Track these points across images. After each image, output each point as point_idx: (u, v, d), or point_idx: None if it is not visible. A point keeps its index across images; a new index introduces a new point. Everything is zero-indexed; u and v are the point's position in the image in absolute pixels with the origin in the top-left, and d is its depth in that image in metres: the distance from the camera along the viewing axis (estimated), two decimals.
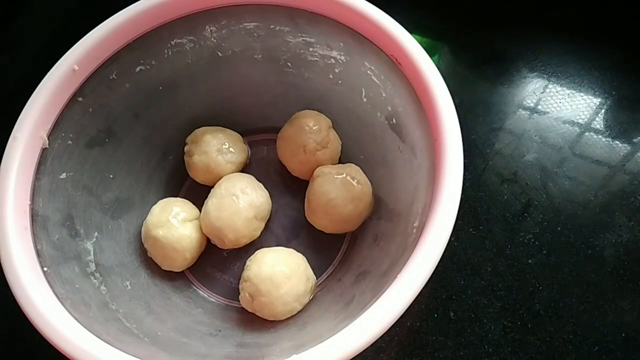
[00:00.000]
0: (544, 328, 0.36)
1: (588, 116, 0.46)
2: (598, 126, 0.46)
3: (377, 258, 0.32)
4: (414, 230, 0.27)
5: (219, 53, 0.37)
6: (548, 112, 0.47)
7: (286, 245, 0.38)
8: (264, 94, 0.41)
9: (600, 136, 0.45)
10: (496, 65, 0.50)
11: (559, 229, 0.40)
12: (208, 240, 0.38)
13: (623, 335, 0.36)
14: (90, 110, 0.33)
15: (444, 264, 0.39)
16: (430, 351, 0.36)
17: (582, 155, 0.44)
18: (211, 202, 0.36)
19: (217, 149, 0.39)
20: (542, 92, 0.48)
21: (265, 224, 0.38)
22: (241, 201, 0.36)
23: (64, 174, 0.32)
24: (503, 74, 0.49)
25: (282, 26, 0.35)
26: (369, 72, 0.34)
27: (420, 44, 0.29)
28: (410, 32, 0.30)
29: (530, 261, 0.39)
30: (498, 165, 0.43)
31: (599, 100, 0.47)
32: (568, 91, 0.48)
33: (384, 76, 0.33)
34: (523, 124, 0.46)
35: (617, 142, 0.44)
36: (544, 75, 0.49)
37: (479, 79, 0.49)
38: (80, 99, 0.32)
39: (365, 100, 0.36)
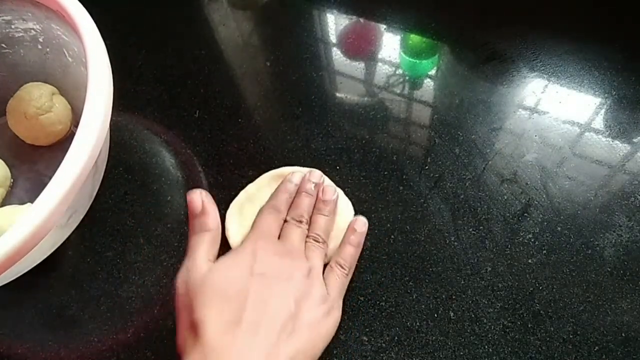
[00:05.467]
0: (544, 328, 0.36)
1: (588, 116, 0.46)
2: (598, 126, 0.46)
3: None
4: None
5: None
6: (548, 112, 0.47)
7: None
8: None
9: (600, 136, 0.45)
10: (496, 65, 0.50)
11: (559, 229, 0.40)
12: None
13: (623, 335, 0.36)
14: None
15: (444, 264, 0.39)
16: (430, 351, 0.36)
17: (582, 155, 0.44)
18: None
19: None
20: (542, 92, 0.48)
21: (10, 189, 0.44)
22: None
23: None
24: (503, 74, 0.49)
25: None
26: (58, 32, 0.37)
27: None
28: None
29: (530, 261, 0.39)
30: (498, 165, 0.43)
31: (599, 100, 0.47)
32: (568, 91, 0.48)
33: (67, 32, 0.36)
34: (523, 124, 0.46)
35: (617, 142, 0.44)
36: (544, 75, 0.49)
37: (479, 79, 0.49)
38: None
39: (70, 60, 0.40)
